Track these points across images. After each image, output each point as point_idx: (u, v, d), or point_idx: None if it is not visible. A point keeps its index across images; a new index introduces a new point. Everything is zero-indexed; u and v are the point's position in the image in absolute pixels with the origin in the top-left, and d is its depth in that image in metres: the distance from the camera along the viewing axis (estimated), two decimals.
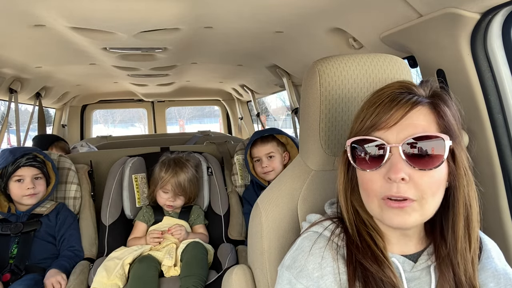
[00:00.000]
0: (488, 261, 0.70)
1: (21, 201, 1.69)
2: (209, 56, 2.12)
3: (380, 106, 0.61)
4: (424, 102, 0.62)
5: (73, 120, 3.88)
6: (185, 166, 1.87)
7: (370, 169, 0.62)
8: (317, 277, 0.63)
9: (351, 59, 0.81)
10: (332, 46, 1.53)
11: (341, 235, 0.68)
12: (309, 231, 0.71)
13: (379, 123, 0.61)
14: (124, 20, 1.33)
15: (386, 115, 0.61)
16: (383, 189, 0.60)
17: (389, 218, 0.61)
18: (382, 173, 0.61)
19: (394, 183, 0.59)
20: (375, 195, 0.62)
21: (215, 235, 1.95)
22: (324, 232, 0.69)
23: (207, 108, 8.95)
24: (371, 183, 0.62)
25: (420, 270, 0.67)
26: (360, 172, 0.65)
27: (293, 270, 0.66)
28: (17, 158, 1.68)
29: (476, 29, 0.98)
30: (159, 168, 1.87)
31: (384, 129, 0.61)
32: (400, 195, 0.59)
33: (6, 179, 1.67)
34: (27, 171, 1.70)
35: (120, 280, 1.56)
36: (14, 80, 2.25)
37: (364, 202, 0.66)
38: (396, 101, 0.61)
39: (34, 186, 1.69)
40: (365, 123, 0.62)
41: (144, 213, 1.87)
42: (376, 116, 0.61)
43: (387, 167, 0.60)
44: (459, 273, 0.65)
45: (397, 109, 0.60)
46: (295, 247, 0.70)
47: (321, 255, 0.65)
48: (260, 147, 1.87)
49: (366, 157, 0.62)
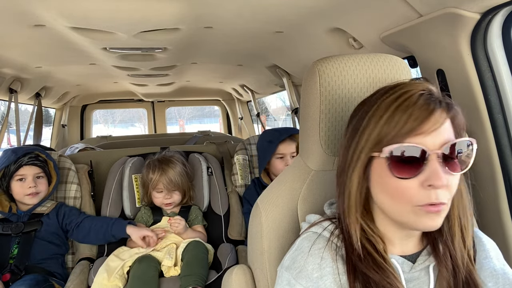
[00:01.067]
0: (487, 261, 0.70)
1: (23, 200, 1.69)
2: (209, 56, 2.12)
3: (416, 110, 0.59)
4: (452, 107, 0.62)
5: (73, 120, 3.88)
6: (170, 162, 1.86)
7: (409, 176, 0.59)
8: (317, 278, 0.63)
9: (351, 59, 0.81)
10: (332, 46, 1.53)
11: (340, 236, 0.68)
12: (308, 231, 0.71)
13: (418, 129, 0.58)
14: (124, 20, 1.33)
15: (425, 120, 0.58)
16: (420, 197, 0.59)
17: (424, 222, 0.60)
18: (420, 180, 0.59)
19: (433, 190, 0.58)
20: (409, 202, 0.60)
21: (215, 235, 1.95)
22: (323, 232, 0.69)
23: (207, 108, 8.95)
24: (406, 190, 0.60)
25: (419, 271, 0.68)
26: (391, 179, 0.61)
27: (292, 271, 0.66)
28: (19, 157, 1.69)
29: (476, 29, 0.98)
30: (146, 171, 1.87)
31: (423, 134, 0.59)
32: (440, 202, 0.59)
33: (9, 178, 1.68)
34: (29, 170, 1.70)
35: (120, 281, 1.56)
36: (14, 80, 2.25)
37: (386, 206, 0.64)
38: (431, 106, 0.59)
39: (36, 185, 1.70)
40: (402, 128, 0.59)
41: (143, 214, 1.87)
42: (414, 121, 0.58)
43: (425, 174, 0.59)
44: (458, 269, 0.66)
45: (436, 115, 0.59)
46: (294, 247, 0.70)
47: (320, 256, 0.65)
48: (289, 144, 1.84)
49: (402, 164, 0.59)
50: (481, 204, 1.08)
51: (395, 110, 0.60)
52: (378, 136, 0.61)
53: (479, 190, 1.07)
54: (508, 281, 0.68)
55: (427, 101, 0.60)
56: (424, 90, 0.62)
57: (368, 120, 0.63)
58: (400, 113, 0.59)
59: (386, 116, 0.60)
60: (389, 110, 0.60)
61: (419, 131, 0.58)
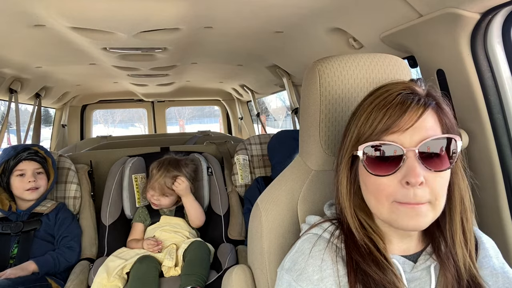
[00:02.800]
0: (486, 260, 0.70)
1: (22, 196, 1.70)
2: (209, 56, 2.12)
3: (391, 108, 0.60)
4: (432, 104, 0.62)
5: (73, 120, 3.88)
6: (177, 169, 1.85)
7: (385, 174, 0.60)
8: (317, 280, 0.63)
9: (351, 59, 0.81)
10: (332, 46, 1.53)
11: (340, 237, 0.67)
12: (308, 233, 0.71)
13: (393, 126, 0.59)
14: (124, 20, 1.33)
15: (400, 118, 0.59)
16: (397, 194, 0.60)
17: (402, 220, 0.60)
18: (397, 177, 0.60)
19: (411, 188, 0.58)
20: (387, 199, 0.61)
21: (215, 235, 1.95)
22: (323, 234, 0.69)
23: (207, 108, 8.95)
24: (385, 187, 0.60)
25: (420, 271, 0.67)
26: (370, 177, 0.62)
27: (293, 273, 0.65)
28: (19, 152, 1.70)
29: (476, 29, 0.98)
30: (154, 165, 1.89)
31: (398, 132, 0.60)
32: (417, 201, 0.59)
33: (8, 173, 1.68)
34: (29, 164, 1.71)
35: (120, 281, 1.56)
36: (14, 80, 2.25)
37: (372, 206, 0.65)
38: (407, 103, 0.60)
39: (36, 180, 1.70)
40: (376, 126, 0.60)
41: (140, 214, 1.87)
42: (388, 118, 0.59)
43: (402, 172, 0.59)
44: (460, 268, 0.66)
45: (411, 112, 0.59)
46: (294, 249, 0.69)
47: (321, 258, 0.65)
48: None
49: (378, 162, 0.60)
50: (481, 204, 1.08)
51: (372, 110, 0.62)
52: (357, 135, 0.63)
53: (479, 190, 1.07)
54: (508, 280, 0.68)
55: (403, 98, 0.60)
56: (404, 89, 0.62)
57: (350, 120, 0.66)
58: (375, 112, 0.61)
59: (364, 116, 0.63)
60: (367, 110, 0.63)
61: (395, 129, 0.60)
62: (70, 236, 1.74)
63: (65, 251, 1.68)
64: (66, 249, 1.69)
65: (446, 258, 0.66)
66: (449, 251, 0.67)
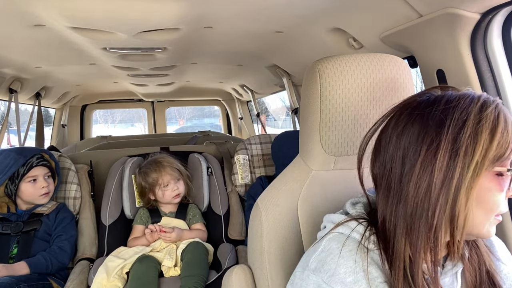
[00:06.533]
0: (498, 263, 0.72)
1: (35, 201, 1.71)
2: (209, 56, 2.12)
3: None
4: None
5: (73, 120, 3.88)
6: (160, 158, 1.89)
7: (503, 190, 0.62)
8: (350, 283, 0.60)
9: (351, 59, 0.81)
10: (332, 46, 1.53)
11: (371, 238, 0.65)
12: (333, 232, 0.68)
13: None
14: (124, 20, 1.33)
15: None
16: (502, 208, 0.62)
17: (493, 231, 0.63)
18: (507, 193, 0.62)
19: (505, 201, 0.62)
20: (495, 212, 0.62)
21: (215, 235, 1.95)
22: (352, 234, 0.65)
23: (207, 108, 8.94)
24: (500, 203, 0.62)
25: (449, 276, 0.67)
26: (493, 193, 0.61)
27: (322, 274, 0.62)
28: (28, 159, 1.69)
29: (476, 29, 0.99)
30: (144, 178, 1.86)
31: None
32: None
33: (19, 180, 1.67)
34: (40, 170, 1.71)
35: (120, 281, 1.56)
36: (14, 80, 2.25)
37: (474, 222, 0.61)
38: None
39: (48, 185, 1.71)
40: (507, 147, 0.60)
41: (141, 215, 1.87)
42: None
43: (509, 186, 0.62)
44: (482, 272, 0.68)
45: None
46: (320, 248, 0.66)
47: (353, 259, 0.62)
48: None
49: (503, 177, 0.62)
50: None
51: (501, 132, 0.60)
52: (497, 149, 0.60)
53: None
54: None
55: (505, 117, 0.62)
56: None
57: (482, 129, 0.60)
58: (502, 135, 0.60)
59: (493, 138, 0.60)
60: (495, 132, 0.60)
61: None
62: (64, 235, 1.73)
63: (57, 252, 1.68)
64: (58, 250, 1.68)
65: (471, 261, 0.67)
66: (474, 253, 0.68)
